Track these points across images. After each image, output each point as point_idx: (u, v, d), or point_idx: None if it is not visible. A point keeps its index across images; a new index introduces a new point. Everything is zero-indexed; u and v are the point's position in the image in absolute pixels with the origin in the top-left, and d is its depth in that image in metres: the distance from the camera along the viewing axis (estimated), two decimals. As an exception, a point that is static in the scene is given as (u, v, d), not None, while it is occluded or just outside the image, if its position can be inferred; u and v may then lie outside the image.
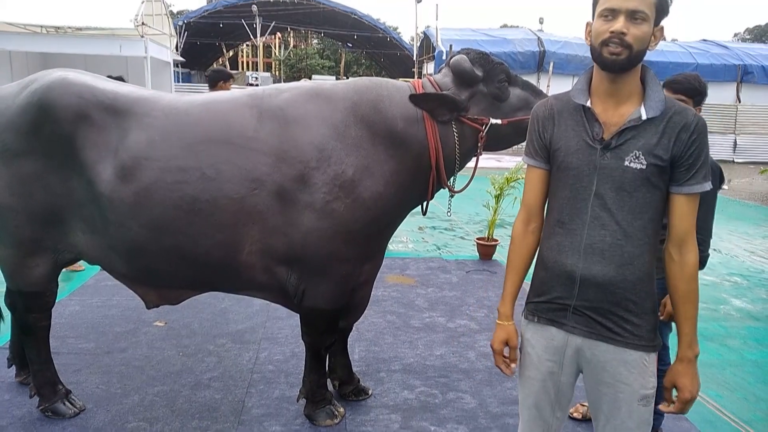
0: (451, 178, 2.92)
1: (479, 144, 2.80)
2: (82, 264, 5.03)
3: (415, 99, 2.71)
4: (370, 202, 2.66)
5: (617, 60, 1.63)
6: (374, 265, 3.01)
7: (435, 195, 2.96)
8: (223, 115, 2.66)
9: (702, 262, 2.70)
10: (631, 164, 1.66)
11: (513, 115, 2.80)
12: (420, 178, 2.81)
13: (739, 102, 19.78)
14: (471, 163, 2.97)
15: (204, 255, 2.67)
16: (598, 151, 1.70)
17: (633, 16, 1.61)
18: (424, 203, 3.00)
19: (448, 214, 3.20)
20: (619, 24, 1.60)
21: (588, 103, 1.74)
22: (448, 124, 2.76)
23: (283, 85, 2.84)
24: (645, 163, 1.66)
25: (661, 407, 1.79)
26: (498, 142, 2.86)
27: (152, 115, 2.65)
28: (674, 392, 1.78)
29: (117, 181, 2.59)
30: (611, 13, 1.62)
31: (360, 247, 2.75)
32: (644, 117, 1.67)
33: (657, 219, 1.72)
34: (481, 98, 2.77)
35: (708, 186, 1.70)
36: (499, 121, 2.76)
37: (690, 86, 2.68)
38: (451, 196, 3.03)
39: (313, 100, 2.69)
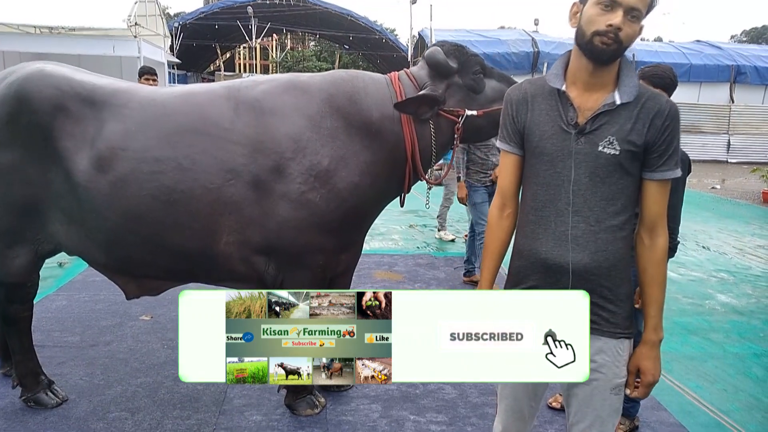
0: (428, 170, 2.95)
1: (456, 136, 2.83)
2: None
3: (399, 107, 2.72)
4: (346, 192, 2.68)
5: (606, 50, 1.60)
6: (352, 255, 3.04)
7: (412, 189, 2.99)
8: (199, 106, 2.69)
9: (672, 250, 2.75)
10: (605, 150, 1.64)
11: (489, 106, 2.82)
12: (396, 170, 2.84)
13: (733, 102, 19.82)
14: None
15: (181, 245, 2.69)
16: (573, 135, 1.67)
17: (630, 13, 1.57)
18: (402, 195, 3.04)
19: (427, 206, 3.23)
20: (619, 19, 1.56)
21: (563, 88, 1.71)
22: None
23: (260, 77, 2.87)
24: (618, 149, 1.64)
25: (626, 392, 1.79)
26: (474, 133, 2.90)
27: (129, 107, 2.68)
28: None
29: (94, 172, 2.62)
30: (611, 5, 1.57)
31: (336, 237, 2.78)
32: (618, 102, 1.65)
33: (630, 206, 1.71)
34: (457, 90, 2.81)
35: (678, 172, 1.70)
36: (474, 113, 2.79)
37: (670, 81, 2.76)
38: (429, 188, 3.07)
39: (289, 92, 2.72)
